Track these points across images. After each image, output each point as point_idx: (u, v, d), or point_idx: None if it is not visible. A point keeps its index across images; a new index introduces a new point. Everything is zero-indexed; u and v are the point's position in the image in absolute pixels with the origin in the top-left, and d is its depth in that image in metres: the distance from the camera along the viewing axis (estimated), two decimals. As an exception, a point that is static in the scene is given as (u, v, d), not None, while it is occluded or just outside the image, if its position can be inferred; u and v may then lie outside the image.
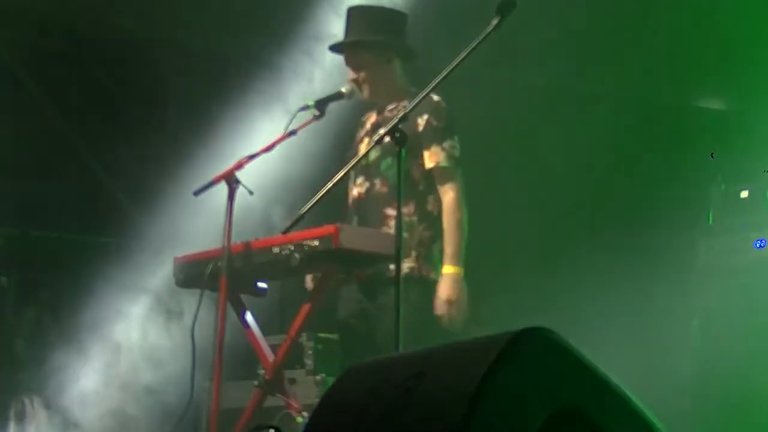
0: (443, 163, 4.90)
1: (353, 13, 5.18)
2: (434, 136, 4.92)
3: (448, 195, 4.90)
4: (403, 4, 6.05)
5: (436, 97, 4.96)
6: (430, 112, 4.94)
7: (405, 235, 4.83)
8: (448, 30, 5.52)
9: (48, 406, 6.16)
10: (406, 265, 4.83)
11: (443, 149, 4.91)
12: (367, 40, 5.05)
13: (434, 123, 4.94)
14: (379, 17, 5.14)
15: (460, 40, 4.05)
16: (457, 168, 4.94)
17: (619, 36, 7.13)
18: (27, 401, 6.08)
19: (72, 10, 6.85)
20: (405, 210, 4.88)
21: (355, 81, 5.06)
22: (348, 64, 5.13)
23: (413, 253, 4.90)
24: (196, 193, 4.88)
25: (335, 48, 5.21)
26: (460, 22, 5.10)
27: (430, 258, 4.95)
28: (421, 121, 4.93)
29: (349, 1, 5.60)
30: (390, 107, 5.08)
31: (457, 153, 4.94)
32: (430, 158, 4.92)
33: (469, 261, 5.03)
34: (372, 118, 5.22)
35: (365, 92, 5.07)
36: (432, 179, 4.94)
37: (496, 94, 7.38)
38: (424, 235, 4.95)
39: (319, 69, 6.56)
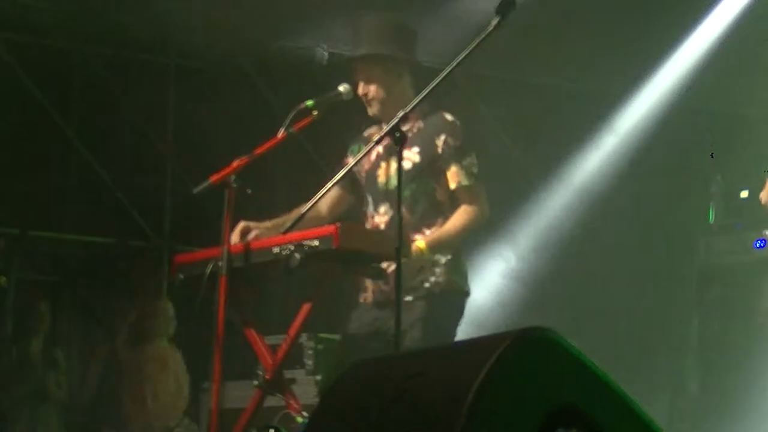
0: (465, 181, 4.89)
1: (364, 25, 5.12)
2: (453, 155, 4.90)
3: (471, 206, 4.90)
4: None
5: (449, 117, 4.94)
6: (446, 132, 4.91)
7: (438, 255, 4.85)
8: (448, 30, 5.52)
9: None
10: (441, 279, 4.87)
11: (462, 167, 4.89)
12: (380, 54, 4.99)
13: (451, 142, 4.91)
14: (392, 31, 5.08)
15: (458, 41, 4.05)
16: (478, 183, 4.93)
17: (622, 36, 7.14)
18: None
19: (70, 10, 6.85)
20: (427, 230, 4.91)
21: (365, 96, 5.01)
22: (358, 77, 5.05)
23: (443, 268, 4.90)
24: (196, 193, 4.87)
25: (345, 61, 5.14)
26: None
27: (458, 269, 4.97)
28: (439, 142, 4.90)
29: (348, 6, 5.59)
30: (404, 126, 4.97)
31: (475, 169, 4.92)
32: (452, 179, 4.89)
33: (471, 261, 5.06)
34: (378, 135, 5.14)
35: (374, 107, 5.00)
36: (456, 199, 4.94)
37: (499, 92, 7.39)
38: (452, 252, 4.97)
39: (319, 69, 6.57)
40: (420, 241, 4.82)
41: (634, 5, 7.10)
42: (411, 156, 4.91)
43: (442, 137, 4.90)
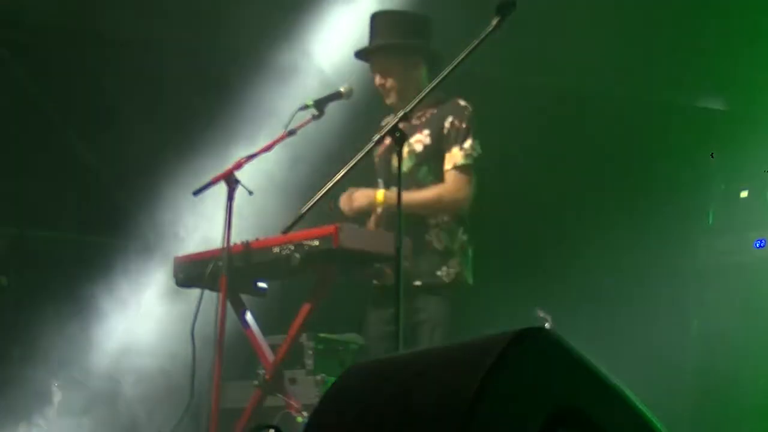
0: (460, 161, 4.91)
1: (378, 18, 5.13)
2: (455, 137, 4.93)
3: (455, 186, 4.90)
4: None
5: (462, 102, 4.98)
6: (454, 114, 4.95)
7: (447, 242, 4.87)
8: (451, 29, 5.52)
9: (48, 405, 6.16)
10: (453, 270, 4.92)
11: (462, 149, 4.91)
12: (396, 44, 5.01)
13: (457, 124, 4.94)
14: (405, 21, 5.10)
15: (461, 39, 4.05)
16: (470, 168, 4.94)
17: (620, 36, 7.13)
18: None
19: (71, 9, 6.85)
20: (443, 217, 4.91)
21: (383, 86, 5.03)
22: (375, 69, 5.07)
23: (456, 259, 4.92)
24: (196, 193, 4.88)
25: (360, 53, 5.16)
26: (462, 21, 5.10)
27: (468, 262, 5.01)
28: (446, 124, 4.95)
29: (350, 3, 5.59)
30: (417, 113, 4.95)
31: (475, 153, 4.95)
32: (449, 160, 4.92)
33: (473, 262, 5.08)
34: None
35: (392, 97, 5.03)
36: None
37: (497, 93, 7.39)
38: (462, 239, 4.98)
39: (318, 69, 6.57)
40: (380, 192, 4.86)
41: (635, 5, 7.10)
42: (423, 138, 4.96)
43: (450, 119, 4.94)
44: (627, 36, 7.16)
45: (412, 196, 4.76)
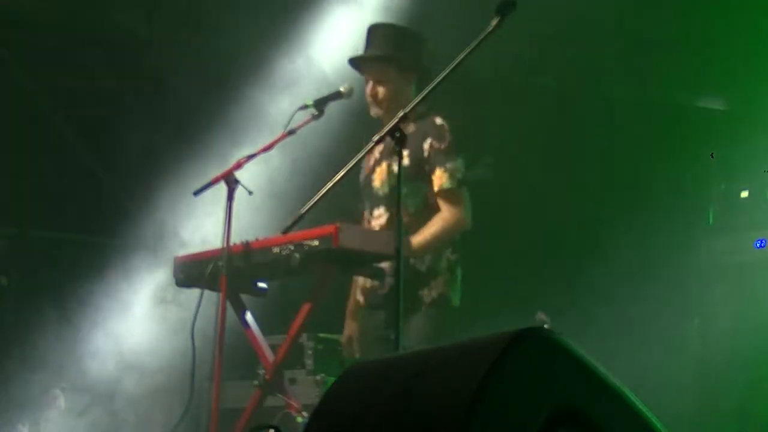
0: (446, 185, 4.91)
1: (377, 29, 5.15)
2: (437, 159, 4.92)
3: (449, 211, 4.91)
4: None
5: (438, 120, 4.98)
6: (432, 135, 4.94)
7: (431, 261, 4.88)
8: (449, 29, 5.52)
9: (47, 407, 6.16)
10: (435, 291, 4.91)
11: (446, 170, 4.91)
12: (397, 56, 5.02)
13: (437, 145, 4.93)
14: (404, 36, 5.12)
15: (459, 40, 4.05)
16: (461, 188, 4.94)
17: (620, 36, 7.14)
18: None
19: (71, 8, 6.85)
20: None
21: (374, 96, 5.03)
22: (369, 78, 5.07)
23: (441, 279, 4.92)
24: (196, 193, 4.89)
25: (356, 61, 5.16)
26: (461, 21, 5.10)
27: (454, 282, 5.00)
28: (426, 146, 4.94)
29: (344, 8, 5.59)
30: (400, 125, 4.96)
31: (460, 174, 4.94)
32: (436, 182, 4.91)
33: (469, 262, 5.06)
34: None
35: (382, 108, 5.03)
36: (438, 203, 4.94)
37: (497, 93, 7.39)
38: (451, 259, 4.97)
39: (319, 69, 6.57)
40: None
41: (635, 5, 7.10)
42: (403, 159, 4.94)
43: (429, 140, 4.94)
44: (627, 36, 7.16)
45: (420, 239, 4.81)
